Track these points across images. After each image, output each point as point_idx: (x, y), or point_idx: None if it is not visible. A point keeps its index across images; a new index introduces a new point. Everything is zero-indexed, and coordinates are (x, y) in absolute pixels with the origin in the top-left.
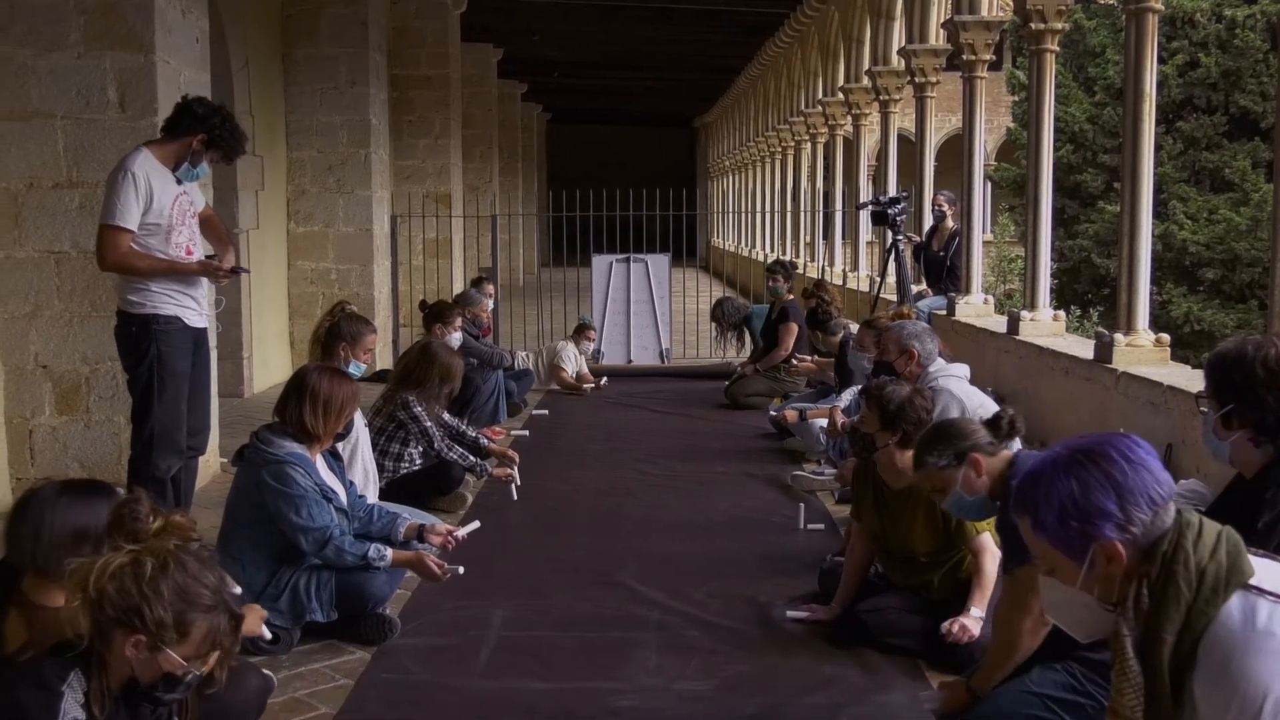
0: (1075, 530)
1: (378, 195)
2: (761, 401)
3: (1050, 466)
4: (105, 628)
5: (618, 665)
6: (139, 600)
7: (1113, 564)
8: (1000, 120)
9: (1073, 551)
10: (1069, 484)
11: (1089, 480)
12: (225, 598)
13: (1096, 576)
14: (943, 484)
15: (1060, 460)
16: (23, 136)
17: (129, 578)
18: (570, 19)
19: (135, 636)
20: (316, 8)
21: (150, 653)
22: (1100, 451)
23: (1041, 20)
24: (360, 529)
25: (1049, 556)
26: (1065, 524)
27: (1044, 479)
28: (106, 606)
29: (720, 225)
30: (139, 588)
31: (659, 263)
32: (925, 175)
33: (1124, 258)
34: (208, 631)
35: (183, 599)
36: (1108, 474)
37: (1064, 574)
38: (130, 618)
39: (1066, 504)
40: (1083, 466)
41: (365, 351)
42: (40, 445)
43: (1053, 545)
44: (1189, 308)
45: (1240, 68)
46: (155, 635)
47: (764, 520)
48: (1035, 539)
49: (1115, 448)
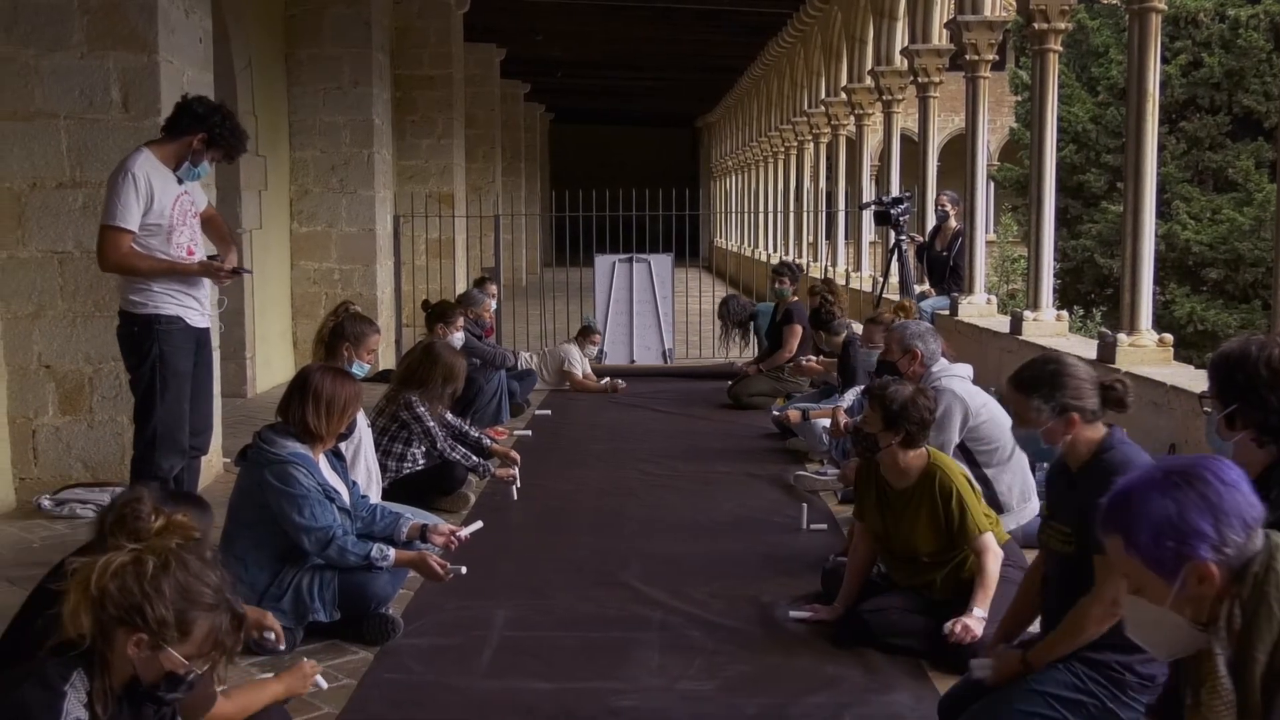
0: (1170, 550)
1: (381, 195)
2: (764, 401)
3: (1145, 486)
4: (107, 627)
5: (620, 665)
6: (140, 599)
7: (1204, 584)
8: (1003, 120)
9: (1165, 571)
10: (1165, 504)
11: (1185, 501)
12: (227, 597)
13: (1187, 597)
14: (1026, 417)
15: (1155, 480)
16: (26, 136)
17: (130, 576)
18: (573, 19)
19: (137, 635)
20: (319, 8)
21: (152, 651)
22: (1195, 473)
23: (1044, 20)
24: (363, 529)
25: (1139, 575)
26: (1160, 544)
27: (1138, 498)
28: (108, 605)
29: (723, 225)
30: (140, 586)
31: (662, 263)
32: (928, 175)
33: (1127, 258)
34: (210, 630)
35: (184, 598)
36: (1203, 495)
37: (1153, 593)
38: (132, 616)
39: (1162, 524)
40: (1178, 487)
41: (369, 352)
42: (43, 445)
43: (1145, 564)
44: (1192, 308)
45: (1243, 68)
46: (157, 634)
47: (767, 520)
48: (1126, 557)
49: (1210, 469)
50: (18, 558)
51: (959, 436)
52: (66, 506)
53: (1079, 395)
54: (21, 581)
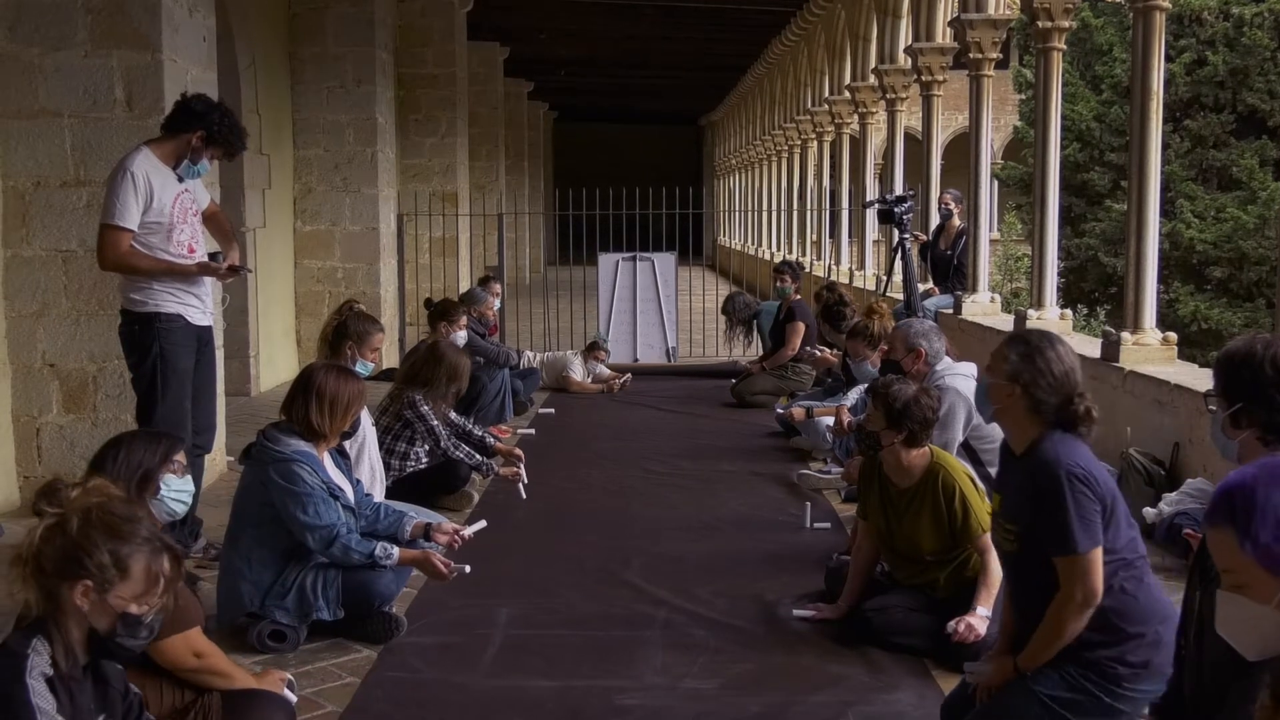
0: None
1: (384, 194)
2: (768, 400)
3: (1266, 480)
4: (51, 588)
5: (624, 664)
6: (74, 549)
7: None
8: (1007, 119)
9: (1275, 569)
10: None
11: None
12: (159, 535)
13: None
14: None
15: (1276, 476)
16: (30, 135)
17: (58, 534)
18: (576, 17)
19: (81, 584)
20: (323, 6)
21: (99, 596)
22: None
23: (1048, 18)
24: (367, 527)
25: (1246, 572)
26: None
27: (1259, 493)
28: (45, 565)
29: (727, 224)
30: (70, 539)
31: (665, 261)
32: (932, 174)
33: (1131, 256)
34: (148, 565)
35: (115, 537)
36: None
37: (1260, 591)
38: (70, 568)
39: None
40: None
41: (372, 351)
42: (48, 444)
43: (1258, 561)
44: (1196, 306)
45: (1248, 66)
46: (99, 577)
47: (770, 519)
48: (1238, 552)
49: None
50: None
51: (963, 435)
52: None
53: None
54: None
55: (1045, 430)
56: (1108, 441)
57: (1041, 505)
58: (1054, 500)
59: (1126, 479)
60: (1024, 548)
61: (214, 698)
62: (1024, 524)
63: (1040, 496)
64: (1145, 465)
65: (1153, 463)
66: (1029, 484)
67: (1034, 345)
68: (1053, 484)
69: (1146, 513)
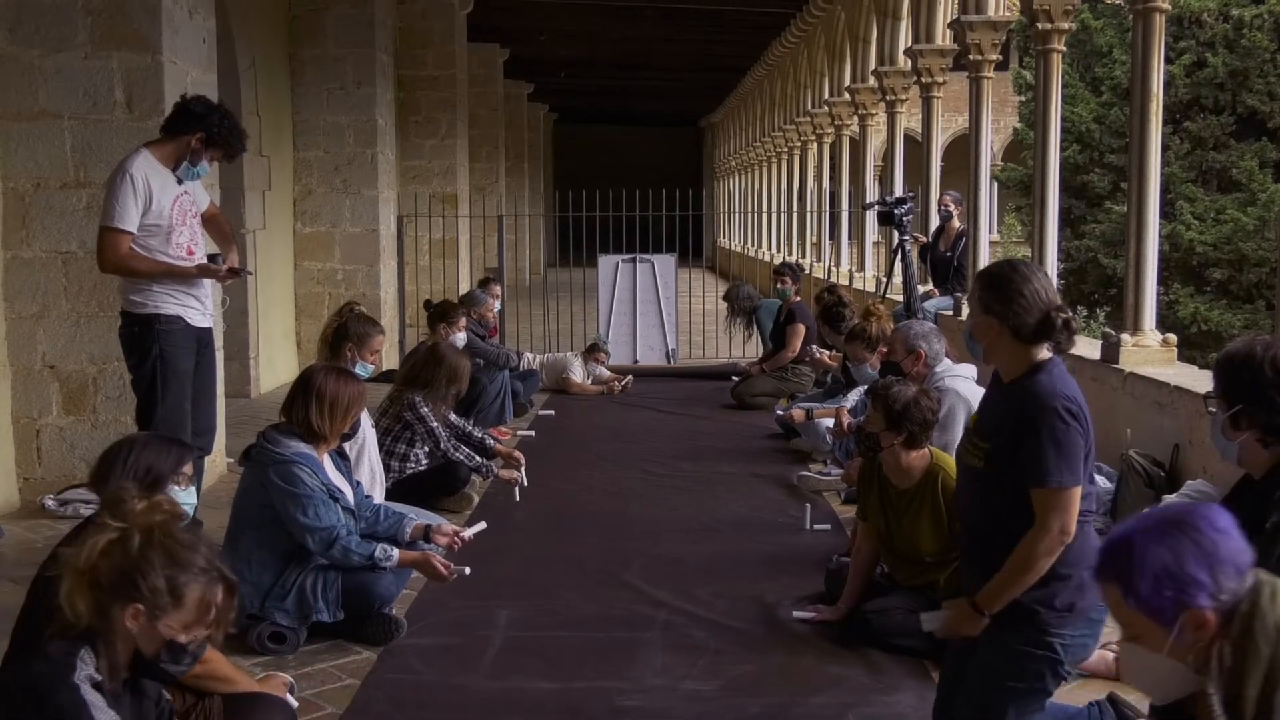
0: (1169, 599)
1: (384, 195)
2: (768, 401)
3: (1142, 535)
4: (104, 604)
5: (624, 665)
6: (132, 570)
7: (1201, 631)
8: (1007, 120)
9: (1163, 619)
10: (1163, 554)
11: (1182, 550)
12: (217, 565)
13: (1185, 644)
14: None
15: (1152, 530)
16: (30, 137)
17: (119, 551)
18: (576, 19)
19: (133, 606)
20: (323, 8)
21: (149, 621)
22: (1190, 522)
23: (1048, 20)
24: (367, 529)
25: (1136, 624)
26: (1160, 593)
27: (1136, 547)
28: (102, 581)
29: (727, 225)
30: (130, 558)
31: (665, 263)
32: (932, 175)
33: (1131, 258)
34: (202, 596)
35: (174, 564)
36: (1198, 544)
37: (1150, 641)
38: (126, 588)
39: (1161, 573)
40: (1175, 537)
41: (372, 353)
42: (47, 445)
43: (1143, 613)
44: (1196, 308)
45: (1248, 68)
46: (151, 602)
47: (770, 520)
48: (1124, 606)
49: (1204, 518)
50: (21, 557)
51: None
52: (70, 506)
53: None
54: (26, 581)
55: (1033, 355)
56: (1107, 443)
57: (1029, 434)
58: (1044, 431)
59: (1126, 481)
60: (990, 467)
61: (215, 701)
62: (998, 444)
63: (1029, 425)
64: (1145, 467)
65: (1153, 464)
66: (1017, 410)
67: (998, 274)
68: (1045, 415)
69: None
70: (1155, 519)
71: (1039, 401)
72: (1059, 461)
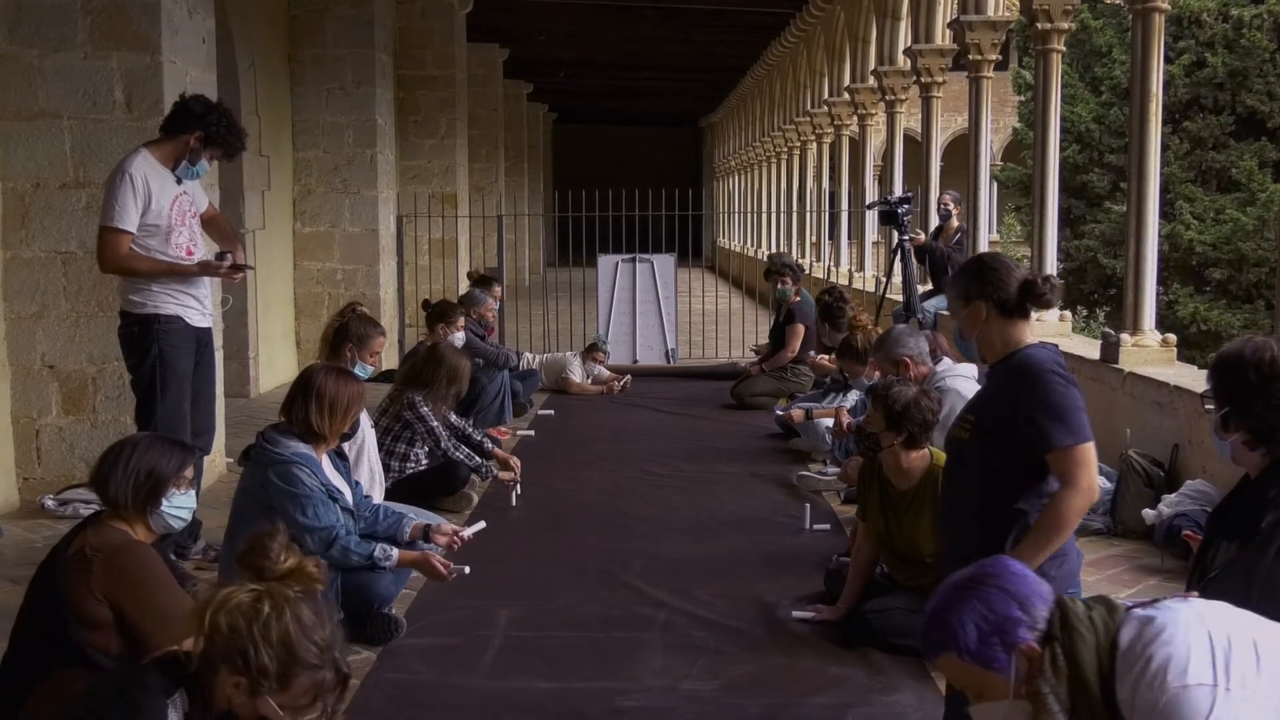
0: (996, 644)
1: (383, 195)
2: (767, 401)
3: (949, 603)
4: (213, 659)
5: (624, 665)
6: (246, 643)
7: (1032, 662)
8: (1006, 120)
9: (999, 666)
10: (974, 608)
11: (989, 598)
12: (335, 655)
13: (1023, 681)
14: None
15: (955, 594)
16: (30, 137)
17: (242, 618)
18: (576, 19)
19: (236, 678)
20: (322, 8)
21: (249, 697)
22: (983, 575)
23: (1048, 20)
24: (366, 529)
25: (977, 680)
26: (987, 643)
27: (950, 613)
28: (216, 640)
29: (726, 225)
30: (249, 629)
31: (665, 263)
32: (931, 175)
33: (1130, 258)
34: (310, 686)
35: (290, 652)
36: (1000, 588)
37: (995, 691)
38: (234, 658)
39: (980, 625)
40: (976, 591)
41: (372, 355)
42: (47, 445)
43: (980, 667)
44: (1195, 308)
45: (1247, 67)
46: (255, 681)
47: (770, 520)
48: (962, 667)
49: (993, 568)
50: (21, 557)
51: None
52: (70, 506)
53: (989, 285)
54: (25, 581)
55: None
56: (1107, 443)
57: (1030, 403)
58: (1045, 396)
59: (1126, 481)
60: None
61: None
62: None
63: (1027, 394)
64: (1144, 467)
65: (1152, 464)
66: (1009, 382)
67: (967, 265)
68: (1041, 381)
69: (1146, 514)
70: (952, 586)
71: (1031, 369)
72: (1068, 421)
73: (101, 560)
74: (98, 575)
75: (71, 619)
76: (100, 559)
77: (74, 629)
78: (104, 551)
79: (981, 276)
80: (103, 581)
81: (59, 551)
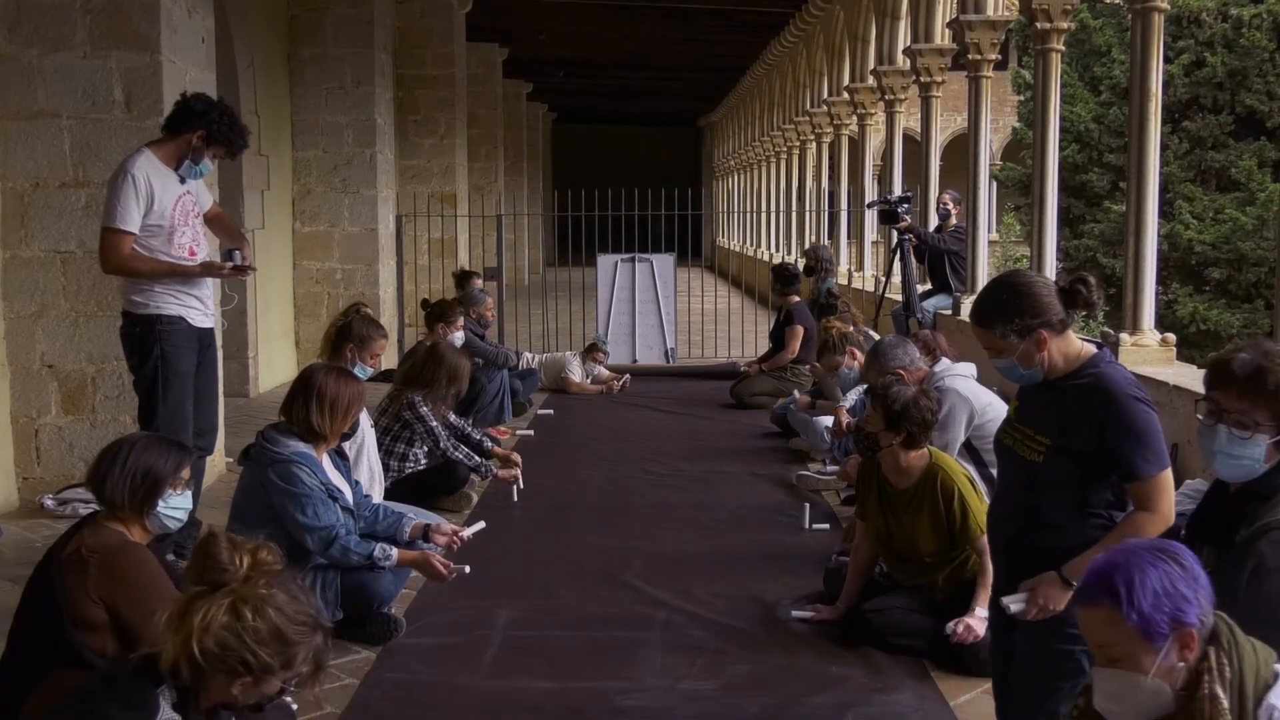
0: (1166, 616)
1: (383, 195)
2: (767, 401)
3: (1135, 557)
4: (211, 673)
5: (623, 665)
6: (242, 652)
7: (1186, 651)
8: (1005, 120)
9: (1155, 637)
10: (1159, 574)
11: (1172, 573)
12: (316, 616)
13: (1168, 665)
14: (998, 347)
15: (1144, 553)
16: (29, 136)
17: (229, 633)
18: (575, 18)
19: (241, 681)
20: (322, 7)
21: (256, 685)
22: (1172, 551)
23: (1047, 20)
24: (366, 528)
25: (1122, 643)
26: (1159, 609)
27: (1131, 567)
28: (210, 661)
29: (726, 225)
30: (240, 640)
31: (664, 262)
32: (930, 175)
33: (1129, 257)
34: (307, 653)
35: (283, 640)
36: (1184, 568)
37: (1135, 661)
38: (235, 667)
39: (1159, 591)
40: (1164, 560)
41: (373, 356)
42: (46, 445)
43: (1137, 630)
44: (1195, 307)
45: (1246, 67)
46: (260, 674)
47: (769, 520)
48: (1115, 626)
49: (1181, 549)
50: (20, 557)
51: (965, 435)
52: (69, 506)
53: (1040, 311)
54: (24, 581)
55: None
56: None
57: (1116, 431)
58: (1131, 425)
59: None
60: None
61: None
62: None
63: (1112, 422)
64: None
65: None
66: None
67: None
68: (1125, 409)
69: None
70: (1143, 545)
71: (1113, 395)
72: (1153, 450)
73: (98, 561)
74: (94, 577)
75: (67, 621)
76: (96, 560)
77: (69, 631)
78: (100, 553)
79: (1032, 304)
80: (99, 583)
81: (55, 552)
